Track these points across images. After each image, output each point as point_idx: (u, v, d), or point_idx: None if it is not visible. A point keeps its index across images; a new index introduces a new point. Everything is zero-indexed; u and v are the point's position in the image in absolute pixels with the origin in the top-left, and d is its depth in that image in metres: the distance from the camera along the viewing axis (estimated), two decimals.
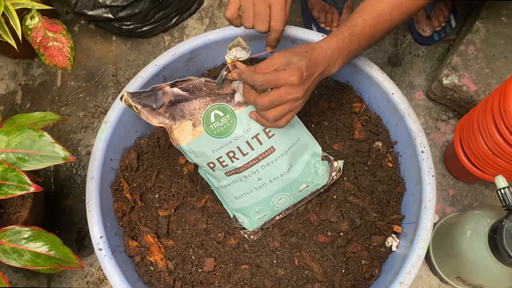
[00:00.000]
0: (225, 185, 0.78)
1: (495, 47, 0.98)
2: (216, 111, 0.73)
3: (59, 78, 1.15)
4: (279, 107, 0.66)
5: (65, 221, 1.01)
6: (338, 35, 0.71)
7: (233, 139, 0.73)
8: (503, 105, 0.72)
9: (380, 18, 0.72)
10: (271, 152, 0.75)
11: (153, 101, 0.74)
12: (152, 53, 1.16)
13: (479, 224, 0.77)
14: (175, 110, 0.74)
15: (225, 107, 0.73)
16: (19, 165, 0.61)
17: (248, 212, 0.80)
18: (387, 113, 0.88)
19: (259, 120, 0.71)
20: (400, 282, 0.72)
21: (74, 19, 1.19)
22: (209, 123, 0.73)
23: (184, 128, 0.75)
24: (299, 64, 0.65)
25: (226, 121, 0.73)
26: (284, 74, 0.63)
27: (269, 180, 0.77)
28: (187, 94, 0.74)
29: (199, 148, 0.75)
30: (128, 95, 0.73)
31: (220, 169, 0.76)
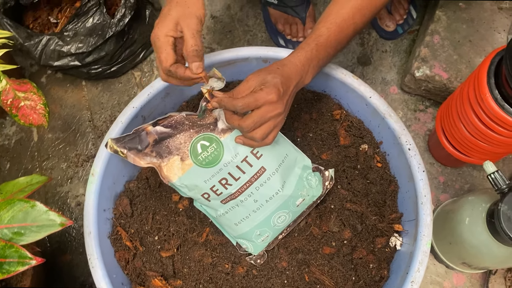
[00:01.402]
0: (223, 213, 0.78)
1: (458, 32, 1.01)
2: (201, 142, 0.74)
3: (35, 133, 1.13)
4: (263, 125, 0.67)
5: (67, 277, 1.00)
6: (305, 47, 0.73)
7: (223, 166, 0.73)
8: (479, 94, 0.74)
9: (344, 24, 0.74)
10: (262, 172, 0.75)
11: (137, 143, 0.74)
12: (124, 91, 1.15)
13: (475, 210, 0.79)
14: (161, 148, 0.74)
15: (210, 136, 0.74)
16: (16, 240, 0.60)
17: (250, 237, 0.80)
18: (368, 116, 0.89)
19: (246, 143, 0.71)
20: (412, 281, 0.73)
21: (40, 71, 1.18)
22: (197, 155, 0.73)
23: (173, 164, 0.74)
24: (274, 81, 0.66)
25: (213, 150, 0.73)
26: (262, 94, 0.65)
27: (265, 201, 0.77)
28: (171, 130, 0.74)
29: (191, 182, 0.75)
30: (113, 141, 0.73)
31: (215, 198, 0.76)
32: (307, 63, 0.72)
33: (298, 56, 0.72)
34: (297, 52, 0.73)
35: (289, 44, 1.15)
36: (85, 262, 1.01)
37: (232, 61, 0.90)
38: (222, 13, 1.21)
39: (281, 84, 0.67)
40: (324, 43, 0.73)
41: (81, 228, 1.04)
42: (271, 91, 0.65)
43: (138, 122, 0.88)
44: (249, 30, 1.20)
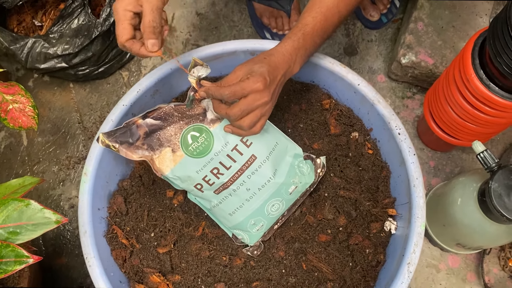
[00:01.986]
0: (217, 203, 0.79)
1: (441, 19, 1.02)
2: (192, 133, 0.75)
3: (24, 137, 1.12)
4: (251, 114, 0.68)
5: (64, 279, 0.99)
6: (292, 37, 0.74)
7: (214, 156, 0.74)
8: (465, 75, 0.75)
9: (329, 13, 0.75)
10: (253, 160, 0.76)
11: (129, 136, 0.75)
12: (113, 92, 1.15)
13: (466, 190, 0.80)
14: (152, 140, 0.75)
15: (199, 127, 0.75)
16: (12, 239, 0.59)
17: (245, 227, 0.81)
18: (357, 104, 0.90)
19: (235, 132, 0.73)
20: (408, 263, 0.74)
21: (26, 74, 1.17)
22: (188, 145, 0.74)
23: (165, 156, 0.75)
24: (261, 71, 0.67)
25: (203, 140, 0.74)
26: (248, 82, 0.66)
27: (257, 189, 0.78)
28: (160, 122, 0.75)
29: (183, 173, 0.75)
30: (104, 135, 0.74)
31: (208, 188, 0.77)
32: (294, 53, 0.73)
33: (285, 46, 0.73)
34: (284, 42, 0.73)
35: (276, 37, 1.16)
36: (81, 264, 1.01)
37: (219, 55, 0.90)
38: (207, 10, 1.22)
39: (268, 73, 0.68)
40: (310, 32, 0.74)
41: (76, 230, 1.04)
42: (257, 80, 0.66)
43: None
44: (235, 25, 1.20)
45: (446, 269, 0.98)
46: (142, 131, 0.74)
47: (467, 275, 0.97)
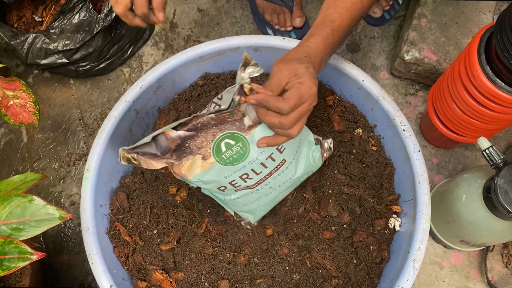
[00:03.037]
0: (234, 198, 0.75)
1: (445, 15, 1.02)
2: (226, 140, 0.67)
3: (24, 134, 1.11)
4: (301, 120, 0.64)
5: (65, 277, 0.98)
6: (321, 33, 0.70)
7: (248, 164, 0.69)
8: (470, 71, 0.74)
9: (353, 8, 0.72)
10: (282, 164, 0.73)
11: (155, 149, 0.66)
12: (114, 88, 1.14)
13: (471, 187, 0.80)
14: (182, 150, 0.67)
15: (235, 135, 0.67)
16: (15, 235, 0.58)
17: (254, 212, 0.79)
18: (361, 100, 0.89)
19: (272, 143, 0.66)
20: (413, 260, 0.74)
21: (26, 71, 1.16)
22: (221, 153, 0.67)
23: (193, 164, 0.68)
24: (310, 72, 0.63)
25: (238, 149, 0.68)
26: (305, 89, 0.61)
27: (278, 185, 0.76)
28: (194, 132, 0.66)
29: (209, 178, 0.70)
30: (124, 151, 0.65)
31: (231, 189, 0.73)
32: (325, 50, 0.70)
33: (316, 43, 0.69)
34: (315, 39, 0.69)
35: (278, 34, 1.15)
36: (82, 262, 1.00)
37: (222, 51, 0.90)
38: (208, 6, 1.21)
39: (315, 73, 0.64)
40: (337, 29, 0.71)
41: (77, 227, 1.03)
42: (311, 85, 0.62)
43: (131, 116, 0.87)
44: (237, 21, 1.20)
45: (449, 266, 0.97)
46: (174, 144, 0.66)
47: (470, 272, 0.97)
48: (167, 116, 0.92)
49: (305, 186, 0.85)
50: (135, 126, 0.89)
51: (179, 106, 0.93)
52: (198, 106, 0.92)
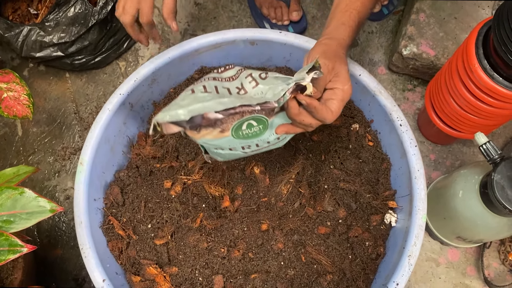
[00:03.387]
0: (221, 153, 0.72)
1: (443, 10, 1.01)
2: (250, 121, 0.65)
3: (19, 127, 1.10)
4: None
5: (59, 271, 0.98)
6: (349, 22, 0.69)
7: (256, 140, 0.68)
8: (468, 65, 0.74)
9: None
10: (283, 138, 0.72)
11: (185, 124, 0.62)
12: (109, 82, 1.13)
13: (468, 183, 0.79)
14: (207, 124, 0.64)
15: (261, 118, 0.65)
16: (5, 228, 0.58)
17: (227, 158, 0.75)
18: (358, 95, 0.89)
19: (291, 131, 0.66)
20: (409, 256, 0.73)
21: (21, 64, 1.15)
22: (239, 130, 0.65)
23: (209, 133, 0.64)
24: (347, 73, 0.64)
25: (257, 130, 0.66)
26: (347, 96, 0.63)
27: (263, 147, 0.72)
28: (230, 115, 0.63)
29: (215, 143, 0.67)
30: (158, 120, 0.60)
31: (225, 149, 0.70)
32: (350, 40, 0.70)
33: (347, 33, 0.68)
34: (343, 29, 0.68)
35: (275, 28, 1.14)
36: (76, 256, 1.00)
37: (219, 44, 0.89)
38: (205, 0, 1.20)
39: (348, 70, 0.65)
40: (360, 20, 0.70)
41: (71, 221, 1.03)
42: (349, 86, 0.63)
43: (126, 110, 0.87)
44: (234, 16, 1.19)
45: (446, 262, 0.97)
46: (206, 122, 0.62)
47: (466, 269, 0.96)
48: None
49: (301, 181, 0.84)
50: (129, 119, 0.88)
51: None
52: None
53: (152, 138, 0.78)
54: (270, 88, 0.63)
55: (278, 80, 0.63)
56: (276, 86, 0.62)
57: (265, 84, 0.64)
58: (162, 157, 0.88)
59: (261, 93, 0.65)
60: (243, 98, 0.64)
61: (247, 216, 0.83)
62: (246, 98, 0.65)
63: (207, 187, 0.84)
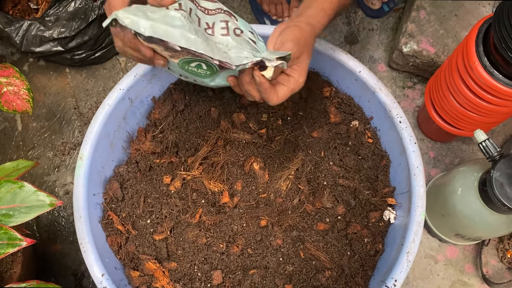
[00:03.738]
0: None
1: (444, 7, 1.01)
2: (202, 64, 0.62)
3: (19, 122, 1.10)
4: None
5: (58, 266, 0.98)
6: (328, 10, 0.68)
7: (196, 78, 0.65)
8: (468, 62, 0.74)
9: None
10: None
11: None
12: (109, 77, 1.13)
13: (467, 180, 0.80)
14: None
15: (212, 66, 0.62)
16: (4, 221, 0.58)
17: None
18: (358, 92, 0.89)
19: (236, 88, 0.65)
20: (407, 252, 0.74)
21: (21, 59, 1.15)
22: (187, 65, 0.62)
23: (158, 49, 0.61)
24: (307, 65, 0.65)
25: (203, 73, 0.63)
26: (297, 87, 0.64)
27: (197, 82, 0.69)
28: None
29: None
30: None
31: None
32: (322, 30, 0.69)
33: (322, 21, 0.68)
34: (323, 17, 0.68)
35: (275, 24, 1.14)
36: (76, 251, 1.00)
37: None
38: None
39: (310, 55, 0.65)
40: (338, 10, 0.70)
41: (70, 216, 1.03)
42: (304, 80, 0.64)
43: (125, 105, 0.87)
44: (235, 12, 1.18)
45: (444, 260, 0.97)
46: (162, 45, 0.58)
47: (465, 266, 0.97)
48: (161, 106, 0.91)
49: (300, 177, 0.84)
50: (129, 115, 0.88)
51: (174, 96, 0.92)
52: (194, 97, 0.92)
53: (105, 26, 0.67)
54: (236, 47, 0.62)
55: (248, 45, 0.62)
56: (242, 49, 0.62)
57: (234, 40, 0.63)
58: (162, 152, 0.88)
59: (226, 46, 0.63)
60: (208, 40, 0.61)
61: (246, 212, 0.83)
62: (211, 41, 0.62)
63: (206, 183, 0.84)
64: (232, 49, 0.63)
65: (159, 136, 0.89)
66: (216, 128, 0.89)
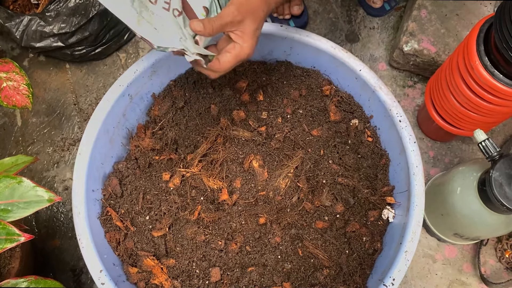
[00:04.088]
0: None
1: (445, 7, 1.01)
2: None
3: (19, 117, 1.10)
4: None
5: (56, 262, 0.98)
6: None
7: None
8: (469, 62, 0.74)
9: None
10: None
11: None
12: (109, 73, 1.13)
13: (466, 180, 0.79)
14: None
15: None
16: (3, 217, 0.58)
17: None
18: (358, 90, 0.89)
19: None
20: (405, 251, 0.73)
21: (21, 54, 1.15)
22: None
23: None
24: (253, 30, 0.64)
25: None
26: (243, 51, 0.65)
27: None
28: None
29: None
30: None
31: None
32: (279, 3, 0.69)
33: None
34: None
35: (276, 22, 1.14)
36: (74, 247, 1.00)
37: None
38: None
39: (259, 32, 0.66)
40: None
41: (69, 212, 1.03)
42: (249, 45, 0.65)
43: (125, 101, 0.86)
44: None
45: (443, 259, 0.97)
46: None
47: (463, 266, 0.97)
48: (161, 102, 0.91)
49: (299, 175, 0.84)
50: (129, 111, 0.88)
51: (174, 93, 0.92)
52: (194, 94, 0.91)
53: None
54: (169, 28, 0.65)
55: (179, 30, 0.65)
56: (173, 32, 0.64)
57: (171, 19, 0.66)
58: (161, 149, 0.88)
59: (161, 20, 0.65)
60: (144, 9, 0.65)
61: (245, 210, 0.83)
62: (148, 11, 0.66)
63: (205, 180, 0.84)
64: (165, 26, 0.66)
65: (158, 133, 0.89)
66: (216, 125, 0.89)
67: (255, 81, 0.92)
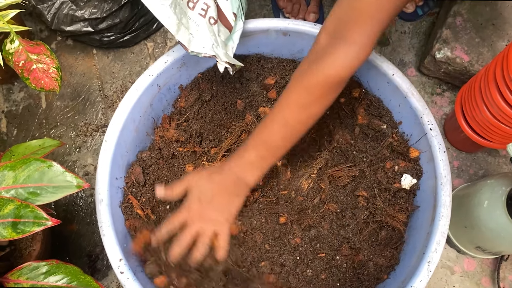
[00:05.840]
0: None
1: (481, 15, 0.99)
2: None
3: (43, 100, 1.10)
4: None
5: (73, 247, 0.98)
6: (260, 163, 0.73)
7: None
8: (507, 73, 0.72)
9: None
10: None
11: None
12: (136, 61, 1.13)
13: (495, 193, 0.78)
14: None
15: None
16: (31, 200, 0.58)
17: None
18: (388, 95, 0.87)
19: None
20: (428, 262, 0.72)
21: (49, 37, 1.15)
22: None
23: None
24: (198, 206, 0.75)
25: None
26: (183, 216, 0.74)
27: None
28: None
29: None
30: None
31: None
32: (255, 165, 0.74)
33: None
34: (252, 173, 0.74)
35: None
36: (91, 233, 1.00)
37: (251, 33, 0.88)
38: None
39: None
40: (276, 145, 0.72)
41: (88, 198, 1.03)
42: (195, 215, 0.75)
43: (153, 91, 0.86)
44: (266, 4, 1.17)
45: (461, 272, 0.96)
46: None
47: (481, 280, 0.95)
48: (188, 94, 0.91)
49: (322, 177, 0.83)
50: (156, 101, 0.88)
51: (201, 86, 0.91)
52: (221, 87, 0.91)
53: None
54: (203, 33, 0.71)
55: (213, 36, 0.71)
56: (207, 38, 0.71)
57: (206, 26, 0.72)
58: (186, 141, 0.87)
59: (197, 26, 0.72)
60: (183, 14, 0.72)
61: (266, 208, 0.83)
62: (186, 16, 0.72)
63: None
64: (199, 32, 0.71)
65: (183, 125, 0.89)
66: (241, 121, 0.88)
67: (283, 78, 0.91)
